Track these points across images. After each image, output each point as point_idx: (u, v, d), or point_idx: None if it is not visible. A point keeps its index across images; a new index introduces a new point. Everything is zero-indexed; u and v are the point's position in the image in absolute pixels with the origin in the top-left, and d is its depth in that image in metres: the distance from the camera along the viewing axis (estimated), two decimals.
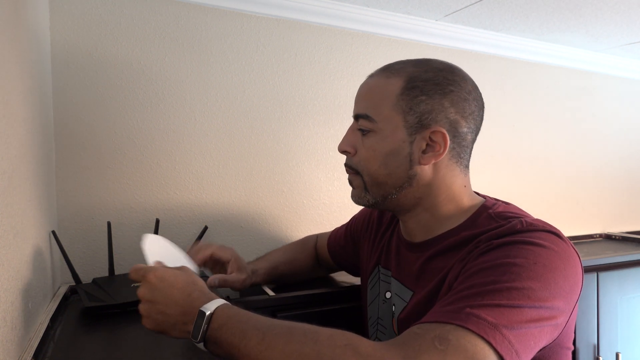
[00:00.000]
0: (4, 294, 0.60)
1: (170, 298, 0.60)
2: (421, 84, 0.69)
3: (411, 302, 0.71)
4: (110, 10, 1.11)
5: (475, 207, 0.72)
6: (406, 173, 0.70)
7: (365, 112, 0.72)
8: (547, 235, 0.60)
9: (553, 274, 0.56)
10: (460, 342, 0.48)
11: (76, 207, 1.09)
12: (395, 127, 0.69)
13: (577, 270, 0.60)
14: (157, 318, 0.61)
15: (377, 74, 0.74)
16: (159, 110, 1.17)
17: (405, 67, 0.71)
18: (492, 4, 1.32)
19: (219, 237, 1.23)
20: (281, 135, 1.31)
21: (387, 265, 0.82)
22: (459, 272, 0.61)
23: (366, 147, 0.72)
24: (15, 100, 0.71)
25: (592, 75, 1.85)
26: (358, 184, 0.75)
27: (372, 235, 0.90)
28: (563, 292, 0.56)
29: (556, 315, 0.55)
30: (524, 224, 0.62)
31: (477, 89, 0.72)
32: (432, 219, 0.73)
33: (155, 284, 0.62)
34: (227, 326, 0.55)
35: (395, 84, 0.69)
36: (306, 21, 1.33)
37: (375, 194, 0.74)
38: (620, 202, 1.94)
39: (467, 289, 0.55)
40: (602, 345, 1.23)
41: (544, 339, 0.54)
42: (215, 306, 0.58)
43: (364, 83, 0.75)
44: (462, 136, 0.70)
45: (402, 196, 0.72)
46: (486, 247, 0.61)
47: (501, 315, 0.50)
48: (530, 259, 0.56)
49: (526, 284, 0.53)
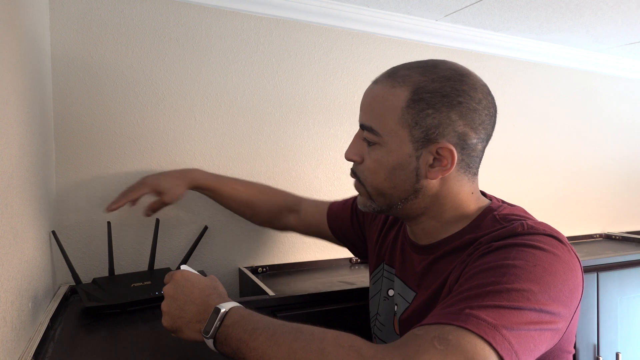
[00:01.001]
0: (4, 294, 0.60)
1: (189, 296, 0.64)
2: (428, 96, 0.65)
3: (413, 304, 0.71)
4: (110, 10, 1.11)
5: (480, 210, 0.71)
6: (412, 186, 0.69)
7: (369, 124, 0.69)
8: (548, 238, 0.60)
9: (553, 277, 0.55)
10: (460, 343, 0.48)
11: (76, 207, 1.09)
12: (401, 141, 0.67)
13: (577, 274, 0.59)
14: (174, 314, 0.64)
15: (381, 81, 0.70)
16: (159, 110, 1.17)
17: (411, 74, 0.67)
18: (492, 4, 1.32)
19: (219, 237, 1.23)
20: (281, 135, 1.31)
21: (392, 263, 0.82)
22: (459, 274, 0.61)
23: (372, 159, 0.70)
24: (15, 100, 0.71)
25: (592, 75, 1.85)
26: (363, 192, 0.74)
27: (379, 229, 0.90)
28: (562, 297, 0.55)
29: (556, 320, 0.55)
30: (525, 227, 0.62)
31: (488, 95, 0.69)
32: (438, 225, 0.72)
33: (179, 282, 0.66)
34: (239, 324, 0.57)
35: (401, 95, 0.66)
36: (306, 21, 1.33)
37: (380, 203, 0.73)
38: (620, 202, 1.94)
39: (467, 291, 0.55)
40: (602, 345, 1.23)
41: (544, 344, 0.54)
42: (230, 306, 0.60)
43: (369, 90, 0.72)
44: (472, 147, 0.68)
45: (407, 207, 0.71)
46: (486, 249, 0.61)
47: (501, 316, 0.50)
48: (530, 261, 0.56)
49: (526, 285, 0.53)
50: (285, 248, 1.32)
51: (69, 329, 0.82)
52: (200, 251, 1.18)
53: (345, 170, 1.35)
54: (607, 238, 1.82)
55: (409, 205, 0.71)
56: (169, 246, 1.18)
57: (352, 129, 1.40)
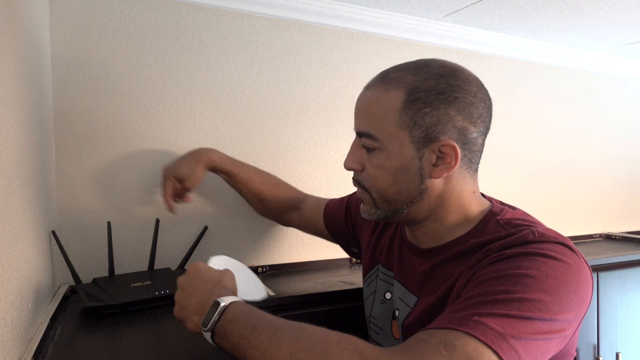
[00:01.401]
0: (4, 294, 0.60)
1: (195, 287, 0.65)
2: (423, 95, 0.64)
3: (416, 309, 0.71)
4: (110, 10, 1.11)
5: (482, 214, 0.70)
6: (417, 188, 0.68)
7: (367, 130, 0.68)
8: (559, 247, 0.59)
9: (565, 287, 0.55)
10: (466, 349, 0.47)
11: (76, 207, 1.09)
12: (401, 144, 0.66)
13: (588, 282, 0.59)
14: (182, 304, 0.65)
15: (374, 86, 0.69)
16: (159, 110, 1.17)
17: (404, 75, 0.66)
18: (492, 4, 1.32)
19: (219, 237, 1.23)
20: (281, 135, 1.31)
21: (389, 265, 0.81)
22: (467, 280, 0.60)
23: (373, 165, 0.69)
24: (15, 101, 0.71)
25: (592, 75, 1.85)
26: (368, 200, 0.73)
27: (371, 229, 0.89)
28: (574, 305, 0.55)
29: (566, 327, 0.54)
30: (536, 234, 0.61)
31: (482, 87, 0.69)
32: (441, 228, 0.71)
33: (190, 274, 0.67)
34: (240, 319, 0.57)
35: (396, 97, 0.65)
36: (306, 21, 1.33)
37: (385, 209, 0.71)
38: (620, 202, 1.94)
39: (476, 297, 0.54)
40: (602, 345, 1.23)
41: (551, 351, 0.54)
42: (230, 300, 0.60)
43: (362, 96, 0.71)
44: (473, 142, 0.68)
45: (412, 210, 0.70)
46: (497, 256, 0.59)
47: (510, 326, 0.50)
48: (542, 271, 0.55)
49: (537, 295, 0.52)
50: (285, 248, 1.32)
51: (69, 329, 0.82)
52: (200, 251, 1.18)
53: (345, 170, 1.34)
54: (607, 238, 1.82)
55: (414, 209, 0.70)
56: (169, 246, 1.18)
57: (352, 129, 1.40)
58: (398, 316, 0.75)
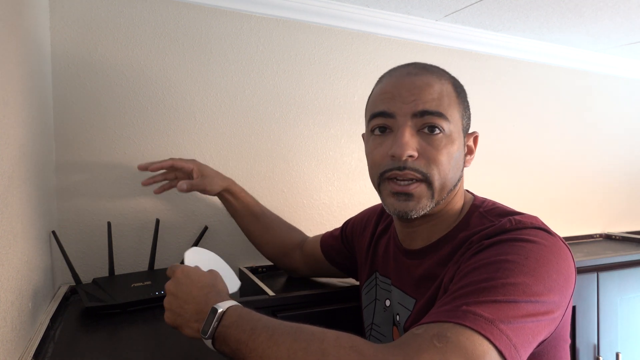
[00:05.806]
0: (4, 294, 0.60)
1: (189, 294, 0.64)
2: (461, 89, 0.72)
3: (415, 310, 0.71)
4: (110, 10, 1.12)
5: (467, 206, 0.74)
6: (459, 177, 0.72)
7: (438, 109, 0.66)
8: (536, 231, 0.61)
9: (546, 268, 0.56)
10: (459, 339, 0.48)
11: (76, 207, 1.09)
12: (459, 130, 0.70)
13: (568, 262, 0.60)
14: (175, 312, 0.64)
15: (423, 72, 0.69)
16: (159, 110, 1.17)
17: (439, 69, 0.72)
18: (492, 4, 1.32)
19: (219, 237, 1.23)
20: (281, 135, 1.31)
21: (386, 273, 0.82)
22: (453, 274, 0.62)
23: (438, 149, 0.66)
24: (15, 101, 0.71)
25: (592, 75, 1.85)
26: (423, 191, 0.68)
27: (368, 240, 0.90)
28: (557, 286, 0.56)
29: (552, 309, 0.55)
30: (513, 222, 0.63)
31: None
32: (437, 222, 0.73)
33: (180, 280, 0.66)
34: (237, 324, 0.57)
35: (449, 86, 0.69)
36: (306, 21, 1.33)
37: (437, 199, 0.69)
38: (620, 203, 1.94)
39: (462, 288, 0.55)
40: (602, 345, 1.23)
41: (541, 334, 0.55)
42: (227, 305, 0.60)
43: (416, 79, 0.68)
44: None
45: (449, 199, 0.72)
46: (478, 247, 0.62)
47: (497, 311, 0.51)
48: (521, 254, 0.57)
49: (520, 279, 0.54)
50: None
51: (69, 329, 0.82)
52: None
53: (345, 170, 1.35)
54: (607, 238, 1.82)
55: (449, 198, 0.72)
56: (169, 246, 1.18)
57: (352, 129, 1.41)
58: (399, 321, 0.76)
